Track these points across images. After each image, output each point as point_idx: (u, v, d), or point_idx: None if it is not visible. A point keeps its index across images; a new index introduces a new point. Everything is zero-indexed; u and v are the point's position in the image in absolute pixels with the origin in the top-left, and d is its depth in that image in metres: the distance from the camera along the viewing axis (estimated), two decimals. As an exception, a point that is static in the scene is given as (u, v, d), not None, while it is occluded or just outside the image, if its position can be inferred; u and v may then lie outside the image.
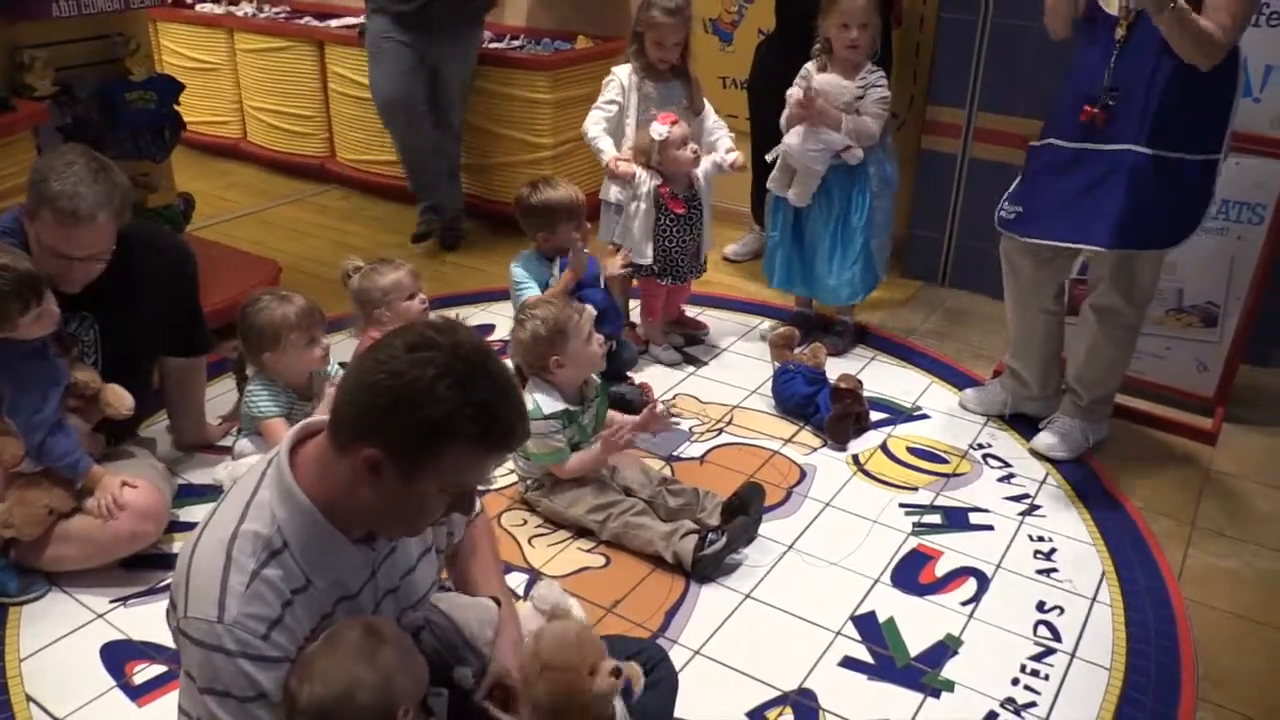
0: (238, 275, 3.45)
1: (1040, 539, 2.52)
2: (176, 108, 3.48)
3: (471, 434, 1.27)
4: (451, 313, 3.69)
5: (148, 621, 2.16)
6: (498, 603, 1.66)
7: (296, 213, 4.73)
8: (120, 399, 2.30)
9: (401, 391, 1.24)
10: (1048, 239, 2.63)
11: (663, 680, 1.74)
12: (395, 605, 1.50)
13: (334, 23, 4.93)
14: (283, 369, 2.43)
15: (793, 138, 3.12)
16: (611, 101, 3.19)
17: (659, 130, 3.05)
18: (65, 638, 2.12)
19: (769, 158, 3.23)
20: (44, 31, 3.07)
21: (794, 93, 3.14)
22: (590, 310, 2.54)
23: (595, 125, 3.21)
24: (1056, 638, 2.19)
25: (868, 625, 2.22)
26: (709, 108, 3.30)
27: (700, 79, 3.34)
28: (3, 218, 2.23)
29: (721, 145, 3.24)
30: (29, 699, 1.97)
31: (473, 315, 3.68)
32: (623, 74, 3.20)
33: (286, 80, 4.93)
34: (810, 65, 3.20)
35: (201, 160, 5.31)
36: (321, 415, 1.43)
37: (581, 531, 2.49)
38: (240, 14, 5.18)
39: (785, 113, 3.16)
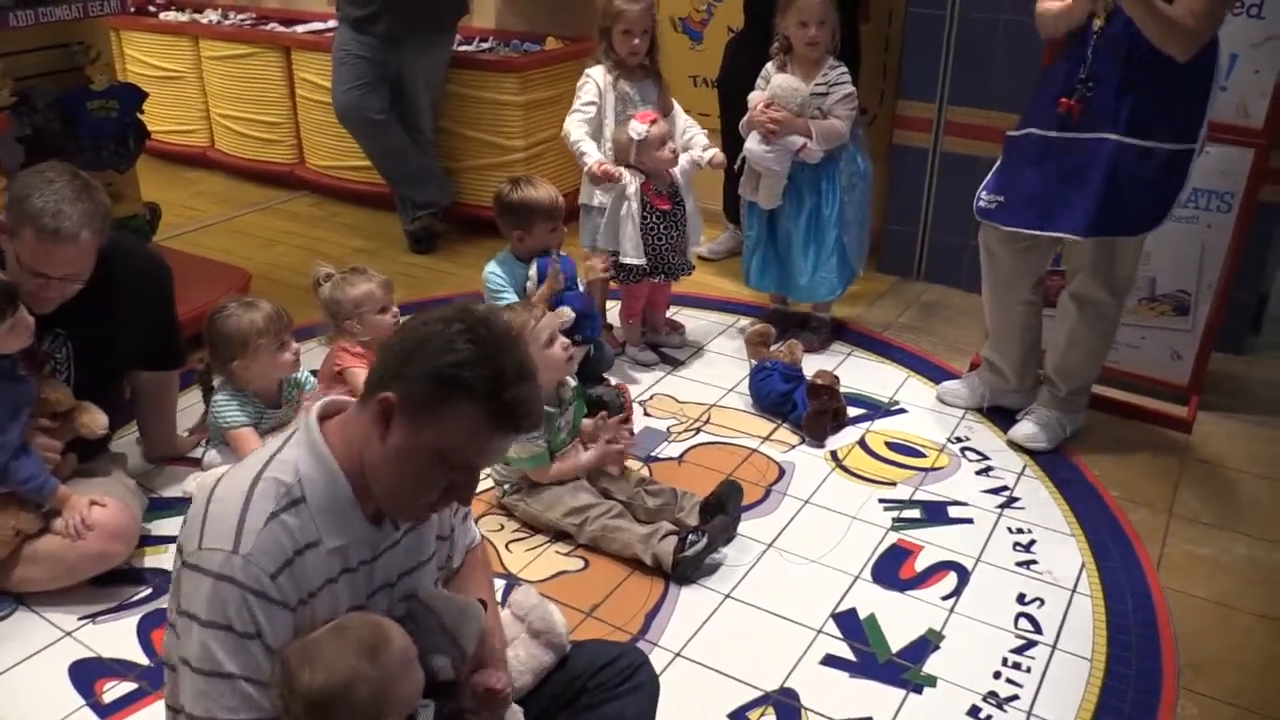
0: (206, 285, 3.39)
1: (1019, 531, 2.52)
2: (140, 116, 3.42)
3: (478, 394, 1.28)
4: (425, 318, 3.67)
5: (117, 639, 2.13)
6: (484, 605, 1.63)
7: (266, 220, 4.68)
8: (95, 420, 2.25)
9: (424, 337, 1.30)
10: (1027, 227, 2.64)
11: (643, 685, 1.70)
12: (387, 601, 1.48)
13: (300, 28, 4.87)
14: (253, 376, 2.39)
15: (751, 141, 3.13)
16: (590, 103, 3.15)
17: (637, 129, 3.03)
18: (33, 657, 2.07)
19: (735, 167, 3.23)
20: (1, 41, 3.01)
21: (755, 96, 3.14)
22: (552, 315, 2.50)
23: (577, 128, 3.15)
24: (1037, 630, 2.19)
25: (849, 622, 2.21)
26: (678, 107, 3.28)
27: (668, 79, 3.32)
28: None
29: (698, 143, 3.22)
30: (-4, 721, 1.94)
31: (446, 320, 3.64)
32: (597, 74, 3.17)
33: (253, 87, 4.87)
34: (770, 65, 3.19)
35: (168, 169, 5.24)
36: (335, 396, 1.51)
37: (559, 535, 2.47)
38: (205, 21, 5.11)
39: (745, 118, 3.15)
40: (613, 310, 3.48)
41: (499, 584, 2.30)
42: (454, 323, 1.29)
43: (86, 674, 2.04)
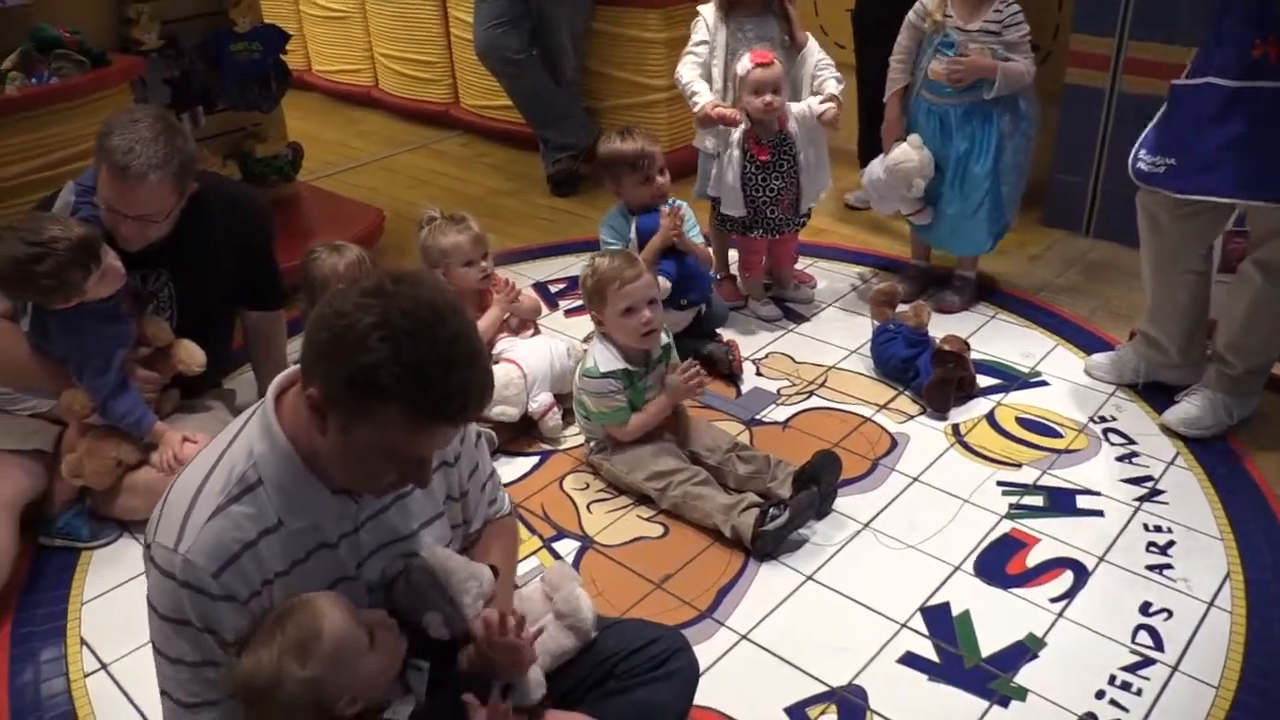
0: (340, 224, 3.46)
1: (1157, 529, 2.22)
2: (283, 58, 3.49)
3: (401, 396, 1.17)
4: (554, 262, 3.62)
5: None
6: (496, 572, 1.56)
7: (417, 160, 4.74)
8: (192, 355, 2.33)
9: (339, 332, 1.19)
10: (1210, 194, 2.29)
11: (677, 672, 1.60)
12: (384, 563, 1.45)
13: (457, -34, 4.86)
14: None
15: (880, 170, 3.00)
16: (701, 43, 2.97)
17: (743, 66, 2.83)
18: (125, 584, 2.17)
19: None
20: (149, -16, 3.12)
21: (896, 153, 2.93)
22: (640, 284, 2.31)
23: (689, 71, 2.99)
24: (1158, 646, 1.92)
25: (938, 618, 2.01)
26: (813, 44, 3.02)
27: (824, 15, 3.07)
28: (86, 174, 2.26)
29: (827, 89, 2.96)
30: (83, 642, 2.04)
31: (574, 265, 3.58)
32: (707, 12, 2.98)
33: (411, 26, 4.91)
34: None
35: (335, 108, 5.40)
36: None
37: (642, 498, 2.37)
38: (370, -40, 5.18)
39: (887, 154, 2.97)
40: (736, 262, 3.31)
41: (573, 545, 2.25)
42: (367, 313, 1.16)
43: (170, 604, 2.12)
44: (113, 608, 2.12)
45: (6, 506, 2.18)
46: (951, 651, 1.93)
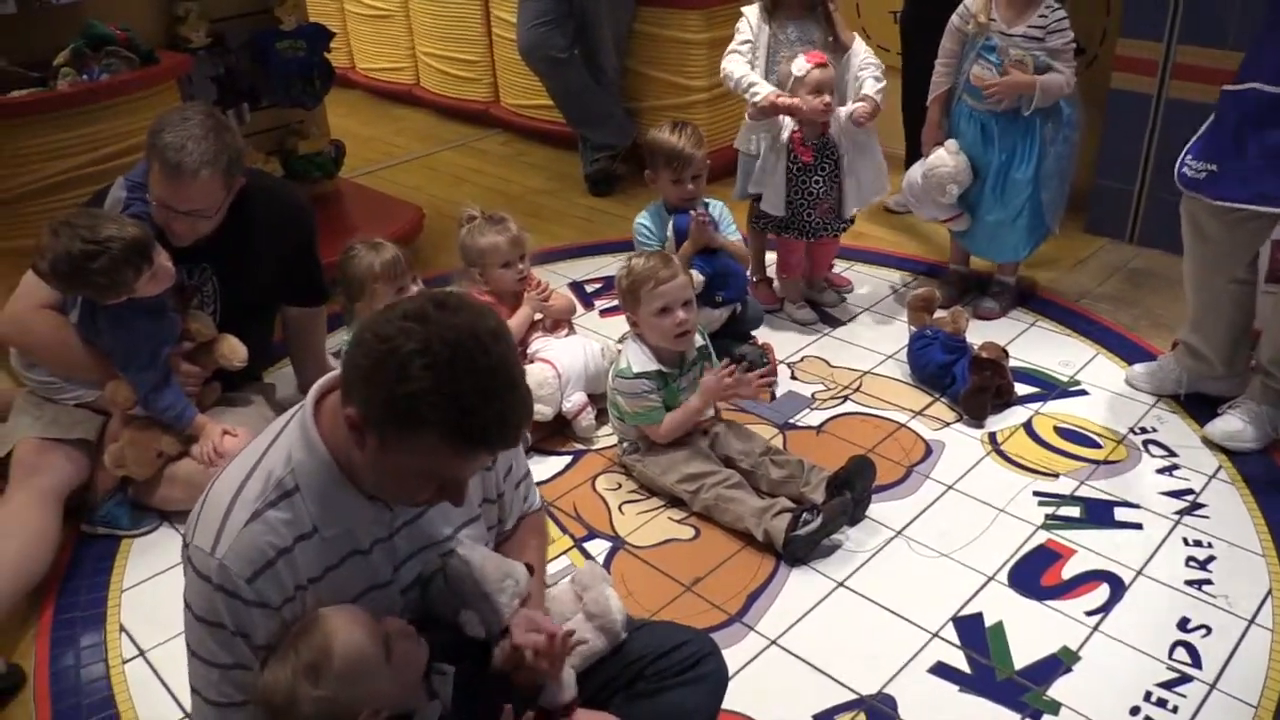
0: (381, 221, 3.49)
1: (1197, 544, 2.19)
2: (327, 55, 3.53)
3: (440, 423, 1.18)
4: (590, 262, 3.63)
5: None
6: (531, 570, 1.57)
7: (458, 158, 4.77)
8: (234, 351, 2.36)
9: (380, 357, 1.19)
10: (1250, 203, 2.26)
11: (707, 676, 1.60)
12: (421, 566, 1.46)
13: (500, -35, 4.88)
14: None
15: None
16: (745, 42, 2.96)
17: (800, 65, 2.81)
18: (164, 573, 2.21)
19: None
20: (197, -16, 3.17)
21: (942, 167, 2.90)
22: (675, 284, 2.31)
23: (739, 65, 2.95)
24: (1196, 663, 1.89)
25: (971, 628, 1.99)
26: (859, 44, 2.99)
27: (864, 15, 3.06)
28: (136, 170, 2.30)
29: (867, 89, 2.93)
30: (122, 628, 2.08)
31: (610, 265, 3.58)
32: (751, 13, 2.97)
33: (453, 25, 4.95)
34: (971, 2, 2.85)
35: (378, 106, 5.46)
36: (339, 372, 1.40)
37: (674, 500, 2.37)
38: (414, -42, 5.22)
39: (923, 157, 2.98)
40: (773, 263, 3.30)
41: (604, 545, 2.26)
42: (409, 339, 1.16)
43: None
44: (151, 596, 2.16)
45: (50, 494, 2.23)
46: (983, 663, 1.91)
